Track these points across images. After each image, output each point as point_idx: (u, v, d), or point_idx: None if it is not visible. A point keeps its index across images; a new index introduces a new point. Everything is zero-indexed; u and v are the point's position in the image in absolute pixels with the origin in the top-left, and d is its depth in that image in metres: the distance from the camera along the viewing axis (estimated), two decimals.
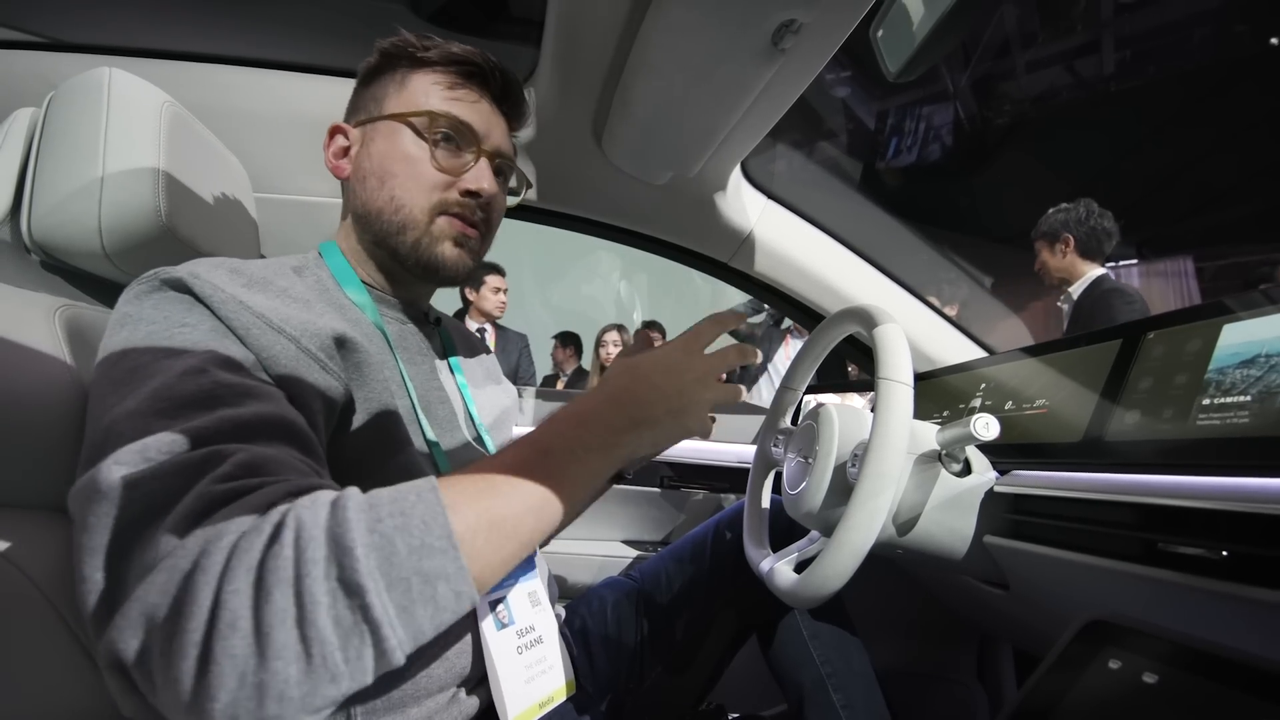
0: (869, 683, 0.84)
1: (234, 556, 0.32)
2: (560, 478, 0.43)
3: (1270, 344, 0.53)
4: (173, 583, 0.31)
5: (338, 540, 0.33)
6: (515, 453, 0.44)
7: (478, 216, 0.64)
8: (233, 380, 0.42)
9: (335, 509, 0.34)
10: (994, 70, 5.23)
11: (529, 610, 0.65)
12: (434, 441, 0.60)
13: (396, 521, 0.35)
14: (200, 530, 0.33)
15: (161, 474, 0.35)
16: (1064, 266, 2.26)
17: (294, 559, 0.32)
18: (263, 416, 0.40)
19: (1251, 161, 4.94)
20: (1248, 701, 0.43)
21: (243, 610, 0.30)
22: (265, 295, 0.50)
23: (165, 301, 0.46)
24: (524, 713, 0.60)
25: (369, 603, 0.32)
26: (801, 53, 0.69)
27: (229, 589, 0.31)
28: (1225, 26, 4.56)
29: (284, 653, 0.31)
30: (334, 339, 0.52)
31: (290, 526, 0.33)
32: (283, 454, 0.40)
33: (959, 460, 0.70)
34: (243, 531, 0.33)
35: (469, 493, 0.39)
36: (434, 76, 0.63)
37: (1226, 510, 0.48)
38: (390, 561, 0.33)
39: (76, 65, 0.70)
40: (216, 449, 0.36)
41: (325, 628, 0.31)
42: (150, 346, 0.43)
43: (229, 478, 0.35)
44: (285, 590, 0.31)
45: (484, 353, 0.83)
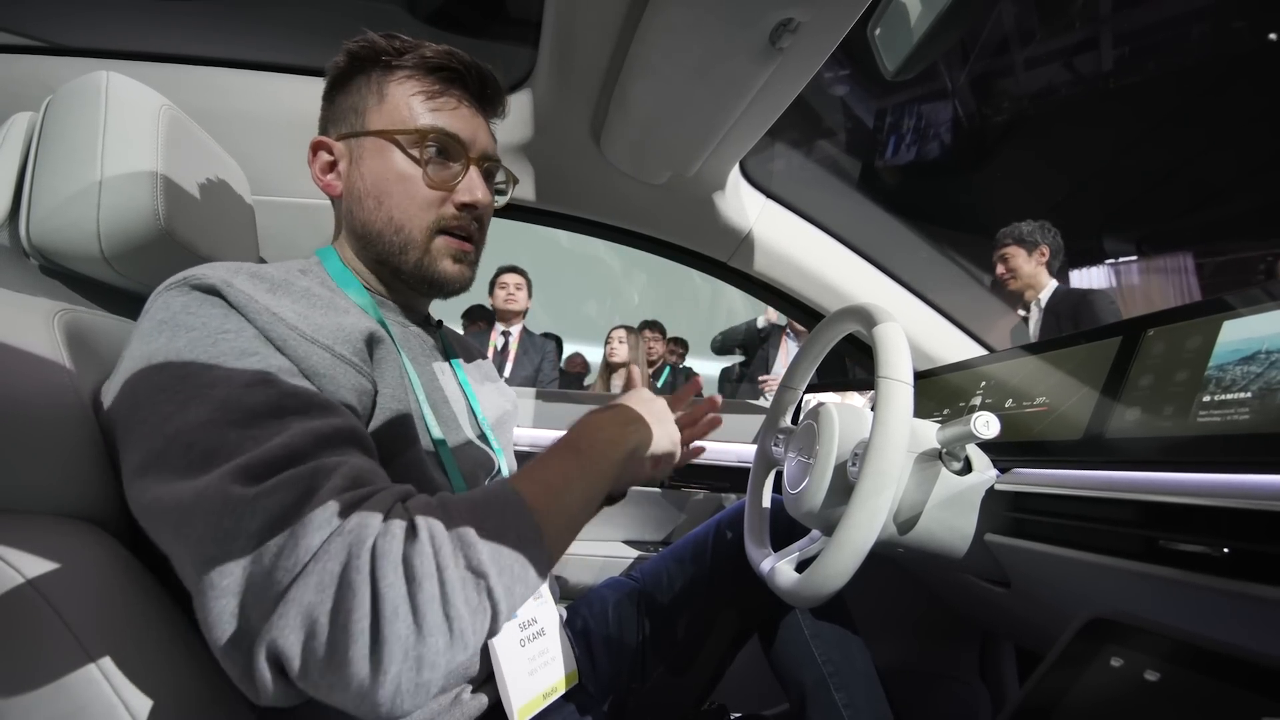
0: (871, 681, 0.84)
1: (379, 556, 0.37)
2: (595, 469, 0.53)
3: (1270, 340, 0.52)
4: (327, 584, 0.36)
5: (462, 538, 0.40)
6: (558, 456, 0.52)
7: (472, 227, 0.65)
8: (295, 389, 0.45)
9: (448, 511, 0.41)
10: (992, 68, 5.23)
11: (530, 604, 0.66)
12: (440, 439, 0.60)
13: (496, 520, 0.42)
14: (339, 536, 0.37)
15: (276, 489, 0.38)
16: (1033, 274, 2.30)
17: (433, 554, 0.38)
18: (337, 428, 0.45)
19: (1250, 157, 4.94)
20: (1249, 698, 0.43)
21: (400, 600, 0.36)
22: (291, 300, 0.51)
23: (200, 306, 0.47)
24: (529, 703, 0.60)
25: (491, 585, 0.40)
26: (799, 52, 0.69)
27: (384, 583, 0.36)
28: (1223, 23, 4.56)
29: (436, 629, 0.37)
30: (364, 338, 0.54)
31: (423, 527, 0.39)
32: (364, 461, 0.45)
33: (959, 458, 0.70)
34: (377, 534, 0.38)
35: (539, 492, 0.47)
36: (412, 85, 0.62)
37: (1228, 507, 0.48)
38: (500, 552, 0.41)
39: (74, 69, 0.70)
40: (319, 463, 0.41)
41: (462, 607, 0.38)
42: (198, 352, 0.44)
43: (341, 489, 0.40)
44: (432, 580, 0.37)
45: (480, 357, 0.84)
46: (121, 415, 0.45)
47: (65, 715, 0.39)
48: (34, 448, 0.45)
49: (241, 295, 0.47)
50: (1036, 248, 2.30)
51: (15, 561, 0.40)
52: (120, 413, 0.45)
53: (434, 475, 0.57)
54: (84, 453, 0.47)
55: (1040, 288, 2.30)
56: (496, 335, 3.19)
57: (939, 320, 1.19)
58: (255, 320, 0.47)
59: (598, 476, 0.53)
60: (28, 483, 0.45)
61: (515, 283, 3.16)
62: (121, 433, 0.45)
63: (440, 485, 0.57)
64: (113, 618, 0.43)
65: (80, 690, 0.40)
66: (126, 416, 0.45)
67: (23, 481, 0.45)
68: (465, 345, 0.81)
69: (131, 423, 0.44)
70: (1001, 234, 2.37)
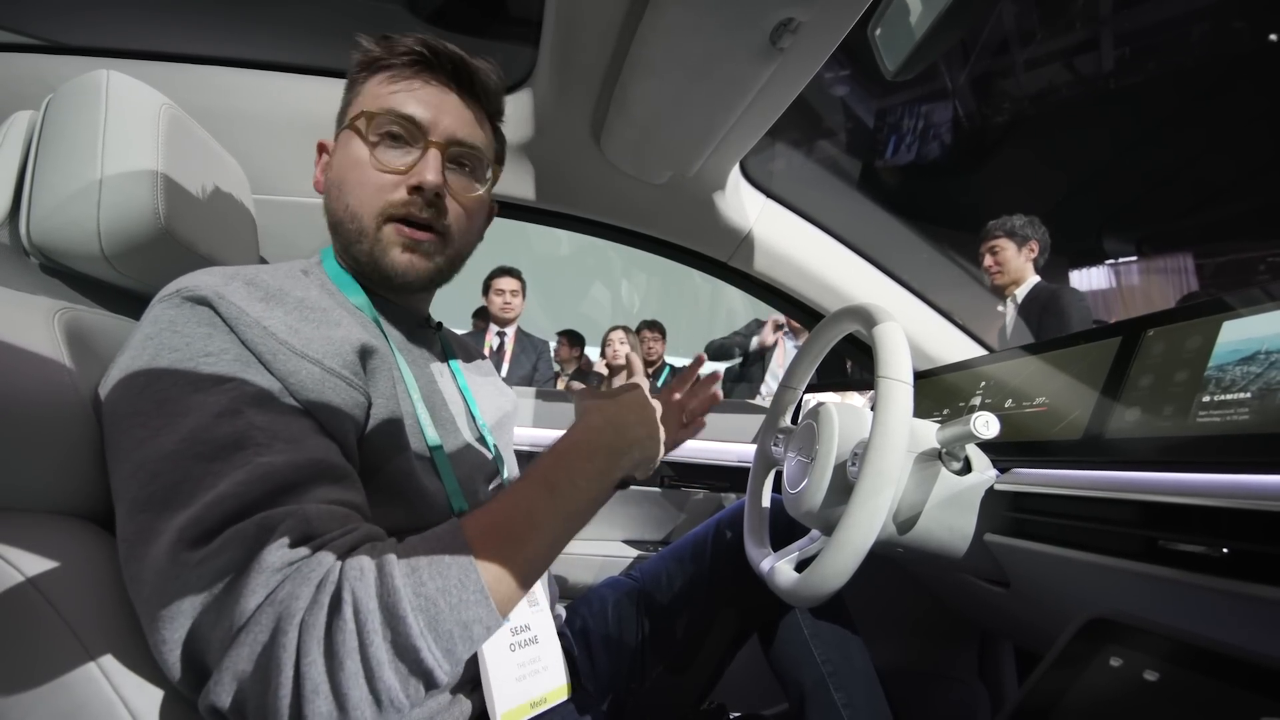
0: (870, 681, 0.84)
1: (304, 632, 0.37)
2: (568, 510, 0.49)
3: (1270, 341, 0.53)
4: (255, 654, 0.37)
5: (391, 610, 0.39)
6: (525, 491, 0.48)
7: (426, 214, 0.60)
8: (265, 422, 0.44)
9: (383, 578, 0.40)
10: (992, 68, 5.23)
11: (525, 610, 0.65)
12: (436, 445, 0.60)
13: (437, 584, 0.41)
14: (269, 607, 0.38)
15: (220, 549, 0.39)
16: (1020, 269, 2.29)
17: (356, 632, 0.38)
18: (294, 464, 0.44)
19: (1250, 158, 4.94)
20: (1249, 698, 0.43)
21: (320, 679, 0.37)
22: (284, 311, 0.51)
23: (188, 323, 0.47)
24: (514, 710, 0.60)
25: (421, 656, 0.39)
26: (800, 52, 0.69)
27: (306, 661, 0.37)
28: (1223, 23, 4.56)
29: (360, 705, 0.37)
30: (356, 350, 0.53)
31: (348, 602, 0.38)
32: (319, 504, 0.43)
33: (959, 458, 0.70)
34: (306, 606, 0.38)
35: (493, 544, 0.44)
36: (382, 75, 0.61)
37: (1227, 507, 0.48)
38: (436, 619, 0.40)
39: (74, 68, 0.70)
40: (266, 516, 0.40)
41: (390, 679, 0.38)
42: (177, 377, 0.45)
43: (282, 546, 0.40)
44: (354, 658, 0.37)
45: (480, 358, 0.84)
46: (106, 429, 0.46)
47: (64, 713, 0.39)
48: (34, 446, 0.45)
49: (233, 309, 0.47)
50: (1026, 242, 2.28)
51: (15, 560, 0.40)
52: (106, 426, 0.47)
53: (427, 482, 0.57)
54: (84, 451, 0.47)
55: (1021, 282, 2.29)
56: (492, 335, 3.19)
57: (939, 320, 1.19)
58: (244, 335, 0.47)
59: (571, 516, 0.49)
60: (27, 481, 0.45)
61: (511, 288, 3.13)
62: (107, 446, 0.46)
63: (434, 492, 0.57)
64: (112, 616, 0.43)
65: (79, 688, 0.40)
66: (109, 432, 0.46)
67: (22, 479, 0.45)
68: (465, 346, 0.81)
69: (110, 440, 0.46)
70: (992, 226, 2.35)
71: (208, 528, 0.40)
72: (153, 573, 0.40)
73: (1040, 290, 2.25)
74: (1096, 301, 5.74)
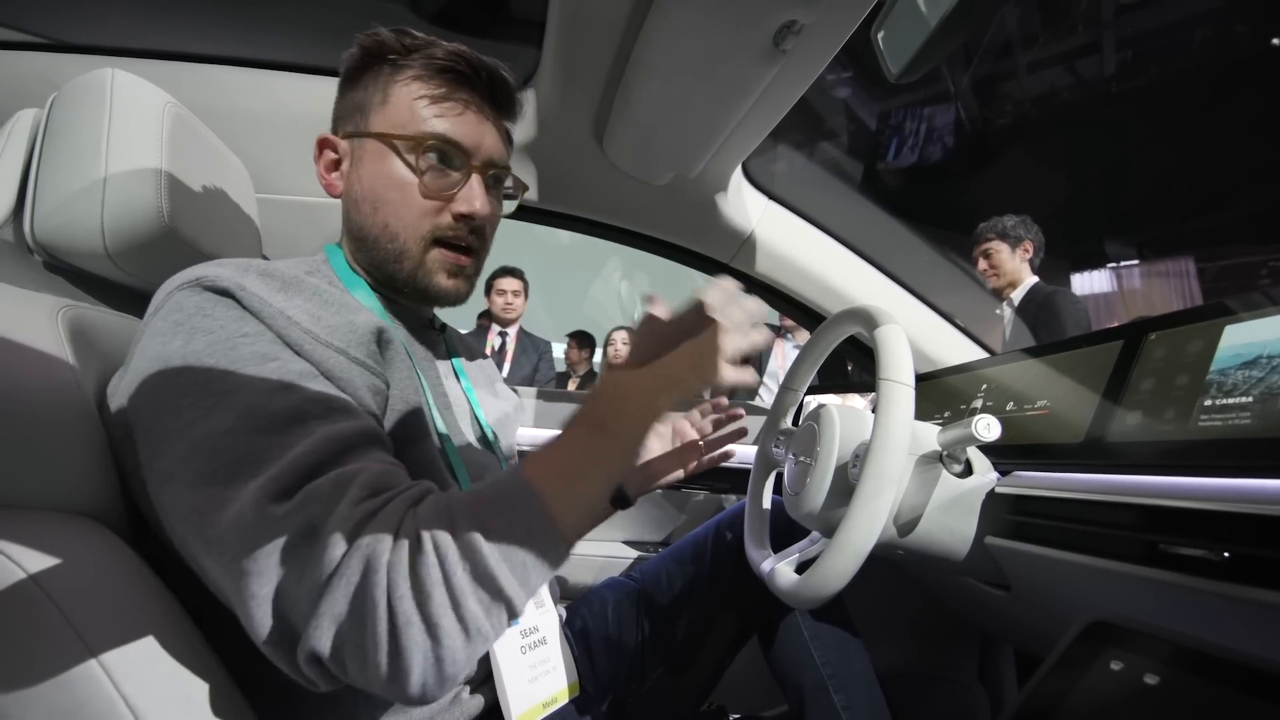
0: (870, 683, 0.84)
1: (392, 570, 0.39)
2: (615, 446, 0.49)
3: (1272, 345, 0.52)
4: (349, 596, 0.39)
5: (466, 543, 0.41)
6: (578, 432, 0.49)
7: (470, 239, 0.63)
8: (316, 394, 0.46)
9: (454, 517, 0.42)
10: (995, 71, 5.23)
11: (532, 611, 0.66)
12: (445, 435, 0.60)
13: (506, 518, 0.43)
14: (356, 552, 0.39)
15: (302, 504, 0.41)
16: (1016, 270, 2.25)
17: (439, 564, 0.40)
18: (357, 430, 0.46)
19: (1253, 162, 4.94)
20: (1249, 703, 0.43)
21: (412, 611, 0.39)
22: (303, 299, 0.51)
23: (215, 308, 0.47)
24: (527, 712, 0.60)
25: (500, 585, 0.41)
26: (803, 53, 0.69)
27: (397, 595, 0.39)
28: (1226, 27, 4.56)
29: (451, 633, 0.39)
30: (375, 338, 0.54)
31: (428, 539, 0.40)
32: (382, 464, 0.45)
33: (960, 461, 0.70)
34: (390, 549, 0.40)
35: (554, 479, 0.46)
36: (417, 86, 0.60)
37: (1228, 511, 0.48)
38: (509, 550, 0.42)
39: (79, 66, 0.71)
40: (340, 473, 0.42)
41: (474, 608, 0.40)
42: (218, 356, 0.45)
43: (359, 499, 0.41)
44: (440, 590, 0.39)
45: (482, 358, 0.84)
46: (141, 419, 0.45)
47: (65, 711, 0.39)
48: (37, 443, 0.45)
49: (255, 299, 0.47)
50: (1020, 243, 2.24)
51: (17, 556, 0.40)
52: (140, 416, 0.46)
53: (444, 473, 0.58)
54: (87, 449, 0.47)
55: (1018, 284, 2.24)
56: (494, 335, 3.19)
57: (940, 323, 1.19)
58: (271, 324, 0.47)
59: (622, 455, 0.50)
60: (30, 478, 0.45)
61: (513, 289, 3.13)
62: (142, 436, 0.45)
63: (449, 482, 0.58)
64: (114, 614, 0.43)
65: (81, 686, 0.40)
66: (148, 421, 0.45)
67: (25, 477, 0.45)
68: (468, 347, 0.82)
69: (154, 428, 0.44)
70: (983, 228, 2.29)
71: (286, 485, 0.41)
72: (237, 532, 0.40)
73: (1037, 292, 2.22)
74: (1098, 305, 5.74)
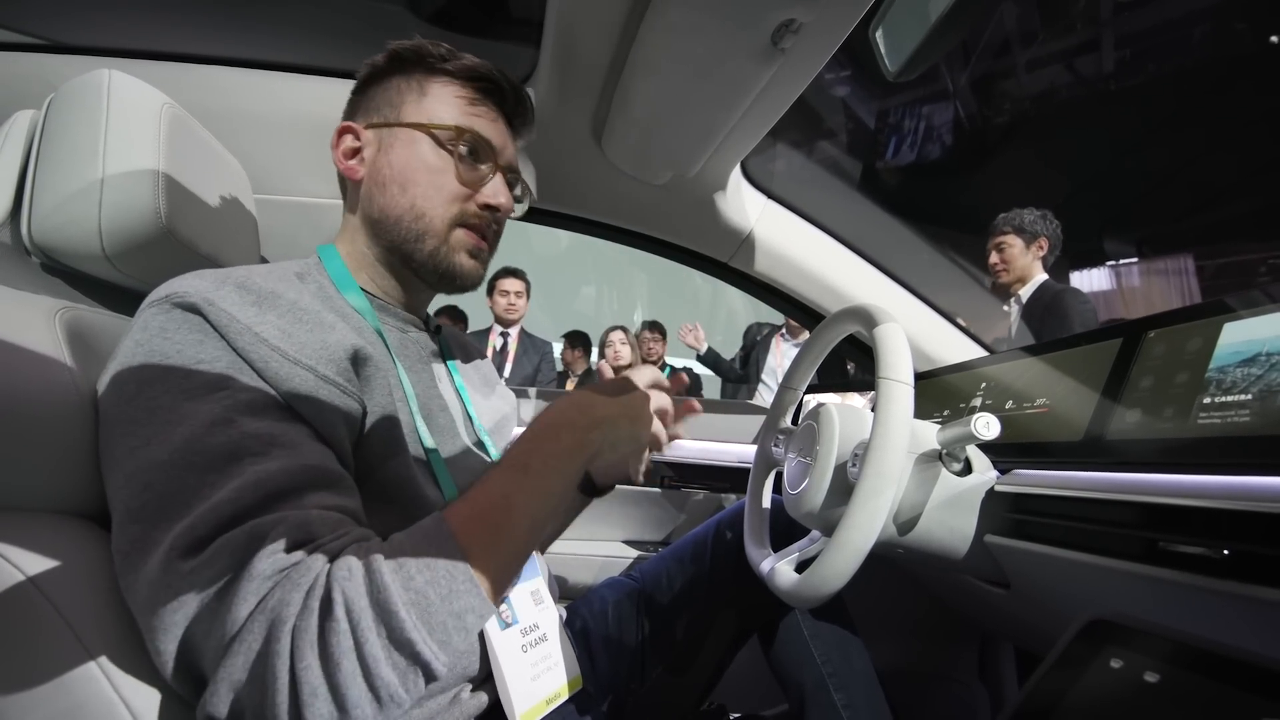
0: (870, 682, 0.84)
1: (297, 637, 0.38)
2: (543, 489, 0.49)
3: (1271, 342, 0.52)
4: (250, 662, 0.38)
5: (383, 606, 0.39)
6: (501, 478, 0.49)
7: (490, 229, 0.67)
8: (258, 429, 0.44)
9: (371, 575, 0.40)
10: (993, 69, 5.23)
11: (532, 609, 0.66)
12: (432, 449, 0.60)
13: (425, 576, 0.41)
14: (261, 615, 0.38)
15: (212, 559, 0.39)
16: (1027, 266, 2.20)
17: (350, 631, 0.38)
18: (289, 471, 0.44)
19: (1251, 159, 4.94)
20: (1249, 700, 0.43)
21: (318, 681, 0.37)
22: (277, 314, 0.50)
23: (180, 330, 0.46)
24: (531, 710, 0.60)
25: (418, 649, 0.39)
26: (801, 52, 0.69)
27: (301, 666, 0.37)
28: (1224, 25, 4.56)
29: (360, 702, 0.38)
30: (349, 356, 0.52)
31: (339, 603, 0.39)
32: (312, 510, 0.43)
33: (960, 459, 0.70)
34: (298, 611, 0.38)
35: (475, 531, 0.45)
36: (454, 89, 0.64)
37: (1228, 509, 0.48)
38: (428, 611, 0.40)
39: (76, 67, 0.70)
40: (257, 524, 0.41)
41: (387, 675, 0.38)
42: (169, 384, 0.44)
43: (273, 552, 0.40)
44: (350, 657, 0.38)
45: (480, 357, 0.84)
46: (101, 436, 0.47)
47: (64, 712, 0.39)
48: (35, 445, 0.45)
49: (223, 315, 0.46)
50: (1035, 239, 2.19)
51: (15, 559, 0.40)
52: (101, 431, 0.47)
53: (425, 488, 0.57)
54: (85, 450, 0.47)
55: (1028, 280, 2.20)
56: (495, 336, 3.19)
57: (939, 321, 1.19)
58: (235, 342, 0.46)
59: (548, 496, 0.49)
60: (28, 480, 0.45)
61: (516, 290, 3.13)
62: (101, 452, 0.46)
63: (432, 498, 0.57)
64: (112, 615, 0.43)
65: (79, 687, 0.40)
66: (103, 438, 0.46)
67: (23, 479, 0.45)
68: (465, 347, 0.81)
69: (105, 448, 0.46)
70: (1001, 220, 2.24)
71: (200, 535, 0.40)
72: (146, 584, 0.40)
73: (1045, 290, 2.17)
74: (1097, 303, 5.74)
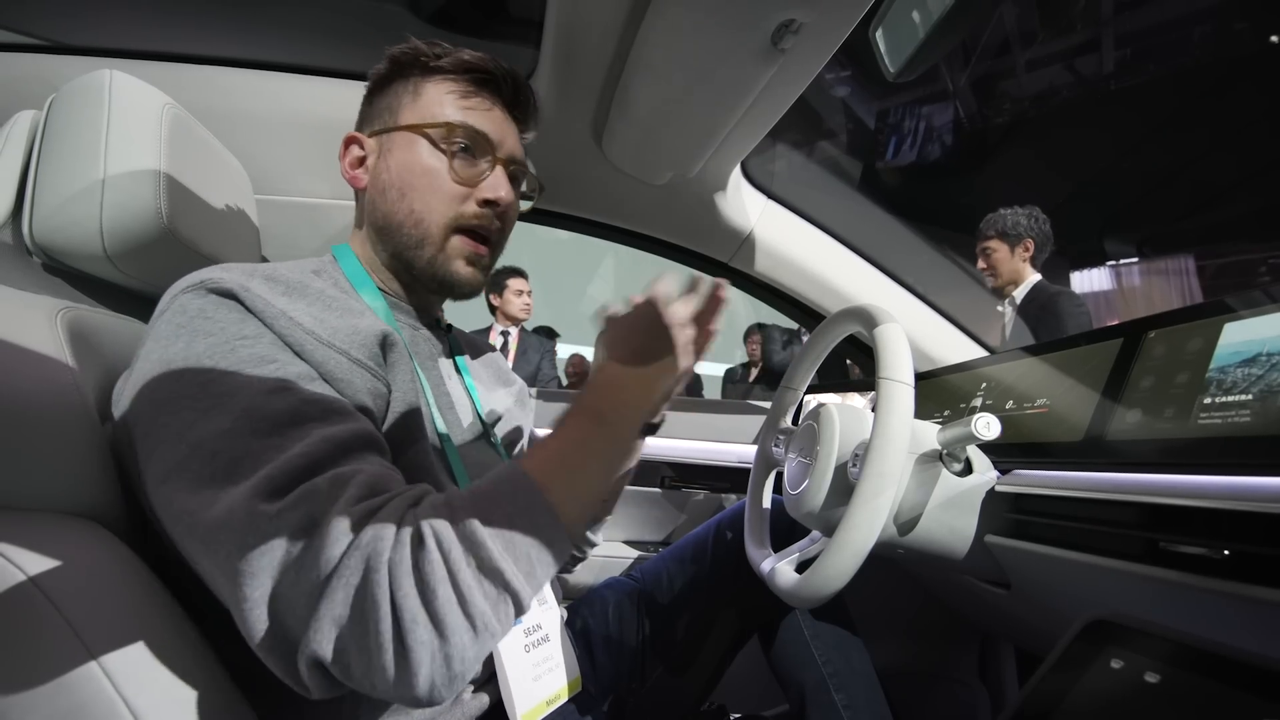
0: (870, 682, 0.84)
1: (394, 568, 0.38)
2: (613, 437, 0.51)
3: (1271, 343, 0.52)
4: (350, 597, 0.38)
5: (470, 538, 0.40)
6: (575, 424, 0.50)
7: (494, 226, 0.65)
8: (315, 396, 0.46)
9: (455, 512, 0.41)
10: (993, 69, 5.23)
11: (535, 609, 0.66)
12: (445, 436, 0.60)
13: (506, 510, 0.43)
14: (356, 550, 0.39)
15: (297, 503, 0.40)
16: (1017, 269, 2.18)
17: (443, 561, 0.39)
18: (354, 433, 0.45)
19: (1251, 159, 4.94)
20: (1250, 700, 0.43)
21: (418, 608, 0.38)
22: (307, 303, 0.51)
23: (217, 310, 0.47)
24: (532, 710, 0.60)
25: (507, 579, 0.41)
26: (801, 53, 0.69)
27: (400, 594, 0.38)
28: (1224, 25, 4.56)
29: (458, 629, 0.39)
30: (378, 341, 0.54)
31: (430, 535, 0.40)
32: (379, 467, 0.45)
33: (960, 460, 0.70)
34: (391, 546, 0.39)
35: (553, 473, 0.46)
36: (447, 85, 0.63)
37: (1228, 509, 0.48)
38: (512, 542, 0.42)
39: (78, 68, 0.70)
40: (336, 473, 0.42)
41: (480, 603, 0.40)
42: (218, 358, 0.45)
43: (357, 499, 0.41)
44: (445, 586, 0.39)
45: (489, 352, 0.84)
46: (141, 420, 0.46)
47: (66, 712, 0.39)
48: (36, 445, 0.45)
49: (259, 300, 0.47)
50: (1020, 242, 2.16)
51: (17, 559, 0.40)
52: (140, 417, 0.46)
53: (441, 477, 0.57)
54: (87, 450, 0.47)
55: (1020, 282, 2.18)
56: (496, 335, 3.19)
57: (940, 321, 1.19)
58: (273, 325, 0.47)
59: (622, 443, 0.51)
60: (30, 480, 0.45)
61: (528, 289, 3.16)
62: (141, 437, 0.45)
63: (446, 484, 0.57)
64: (114, 615, 0.43)
65: (81, 687, 0.40)
66: (147, 422, 0.45)
67: (25, 479, 0.45)
68: (474, 345, 0.81)
69: (152, 428, 0.45)
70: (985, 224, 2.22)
71: (280, 485, 0.40)
72: (229, 531, 0.40)
73: (1040, 292, 2.16)
74: (1098, 303, 5.73)
